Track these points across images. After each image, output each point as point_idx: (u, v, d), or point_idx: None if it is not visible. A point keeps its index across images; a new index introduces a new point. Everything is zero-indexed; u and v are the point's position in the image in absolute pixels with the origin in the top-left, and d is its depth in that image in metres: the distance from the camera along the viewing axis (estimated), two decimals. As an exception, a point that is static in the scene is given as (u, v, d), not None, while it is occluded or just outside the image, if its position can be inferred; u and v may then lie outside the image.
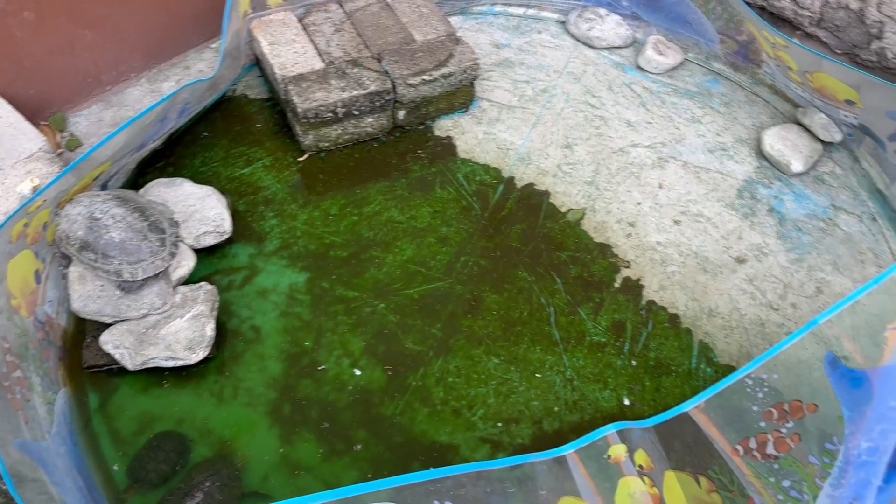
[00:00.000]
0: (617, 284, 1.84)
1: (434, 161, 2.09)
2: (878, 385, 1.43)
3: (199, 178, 1.89)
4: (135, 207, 1.53)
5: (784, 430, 1.49)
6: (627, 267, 1.88)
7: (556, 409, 1.61)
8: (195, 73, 2.20)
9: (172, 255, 1.53)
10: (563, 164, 2.11)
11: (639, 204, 2.02)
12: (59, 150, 1.93)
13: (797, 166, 2.06)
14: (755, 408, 1.52)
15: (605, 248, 1.92)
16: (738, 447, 1.51)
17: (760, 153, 2.15)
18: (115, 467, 1.44)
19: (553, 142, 2.17)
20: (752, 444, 1.51)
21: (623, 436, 1.50)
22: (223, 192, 1.85)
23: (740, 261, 1.89)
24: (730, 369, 1.67)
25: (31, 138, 1.74)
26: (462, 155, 2.11)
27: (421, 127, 2.17)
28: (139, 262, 1.47)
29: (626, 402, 1.63)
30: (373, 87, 1.94)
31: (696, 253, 1.90)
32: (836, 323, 1.49)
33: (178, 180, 1.80)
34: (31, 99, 1.93)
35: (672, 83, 2.37)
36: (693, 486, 1.47)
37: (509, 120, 2.22)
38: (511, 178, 2.06)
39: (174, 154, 2.01)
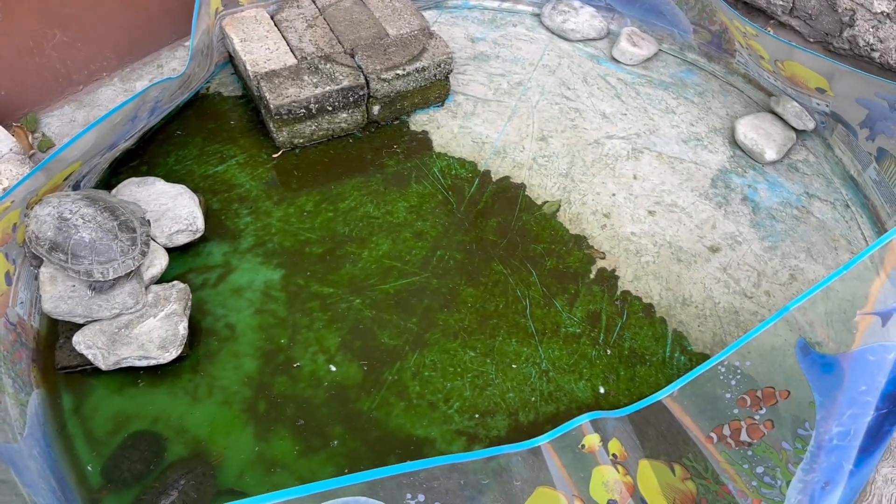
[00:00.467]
0: (592, 275, 1.85)
1: (410, 156, 2.09)
2: (849, 370, 1.45)
3: (172, 177, 1.88)
4: (105, 207, 1.52)
5: (757, 417, 1.51)
6: (602, 258, 1.89)
7: (531, 400, 1.62)
8: (168, 72, 2.19)
9: (143, 254, 1.52)
10: (538, 157, 2.11)
11: (613, 195, 2.02)
12: (32, 152, 1.92)
13: (771, 154, 2.08)
14: (728, 395, 1.53)
15: (580, 240, 1.92)
16: (712, 434, 1.52)
17: (734, 142, 2.16)
18: (90, 467, 1.43)
19: (528, 134, 2.17)
20: (726, 431, 1.52)
21: (597, 425, 1.51)
22: (196, 190, 1.84)
23: (714, 250, 1.90)
24: (704, 357, 1.68)
25: (1, 139, 1.73)
26: (438, 149, 2.11)
27: (396, 122, 2.17)
28: (110, 262, 1.46)
29: (602, 390, 1.64)
30: (346, 83, 1.94)
31: (671, 243, 1.91)
32: (810, 309, 1.50)
33: (151, 179, 1.79)
34: (1, 100, 1.91)
35: (647, 74, 2.38)
36: (667, 473, 1.49)
37: (485, 113, 2.22)
38: (487, 172, 2.07)
39: (147, 153, 2.00)
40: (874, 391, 1.40)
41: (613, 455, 1.47)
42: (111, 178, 1.91)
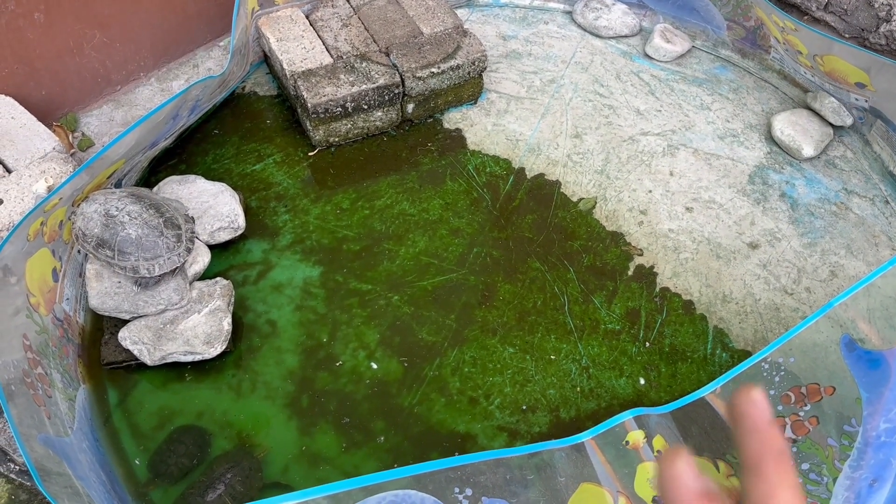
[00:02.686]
0: (630, 272, 1.84)
1: (444, 153, 2.09)
2: (895, 366, 1.43)
3: (211, 175, 1.90)
4: (150, 204, 1.53)
5: (802, 414, 1.49)
6: (640, 255, 1.88)
7: (572, 396, 1.62)
8: (204, 71, 2.21)
9: (189, 250, 1.54)
10: (573, 154, 2.11)
11: (650, 192, 2.01)
12: (72, 150, 1.94)
13: (808, 151, 2.06)
14: (772, 392, 1.52)
15: (617, 237, 1.92)
16: (756, 431, 1.50)
17: (771, 139, 2.14)
18: (137, 462, 1.45)
19: (562, 132, 2.17)
20: (770, 427, 1.51)
21: (640, 422, 1.50)
22: (235, 188, 1.86)
23: (753, 246, 1.89)
24: (745, 354, 1.67)
25: (44, 139, 1.75)
26: (472, 147, 2.11)
27: (430, 120, 2.18)
28: (156, 259, 1.48)
29: (642, 381, 1.63)
30: (381, 81, 1.94)
31: (709, 239, 1.90)
32: (852, 306, 1.49)
33: (191, 177, 1.81)
34: (42, 100, 1.94)
35: (680, 71, 2.37)
36: (711, 470, 1.48)
37: (518, 111, 2.22)
38: (521, 169, 2.07)
39: (186, 152, 2.02)
40: (923, 387, 1.38)
41: (658, 452, 1.47)
42: (150, 176, 1.94)
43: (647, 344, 1.69)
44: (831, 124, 2.12)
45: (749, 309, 1.76)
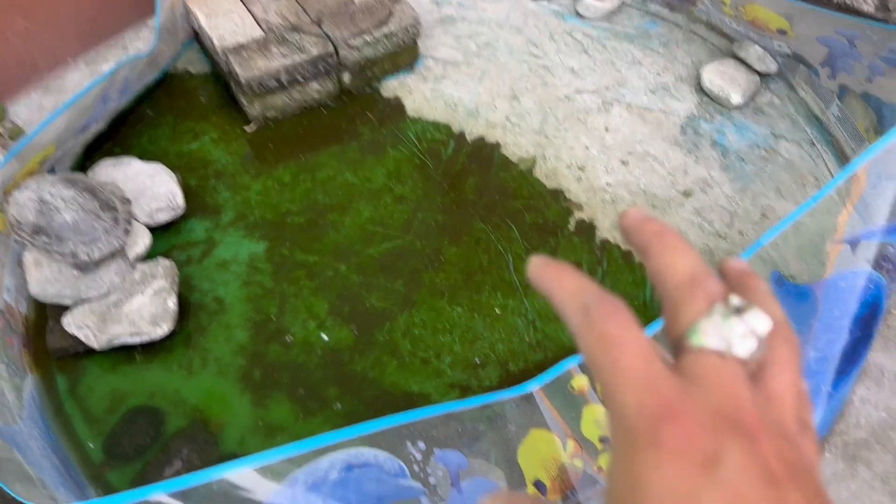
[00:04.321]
0: (571, 227, 1.89)
1: (384, 122, 2.10)
2: (823, 298, 1.50)
3: (147, 157, 1.87)
4: (84, 188, 1.52)
5: (737, 349, 1.56)
6: (580, 210, 1.92)
7: (520, 350, 1.66)
8: (133, 52, 2.16)
9: (127, 232, 1.53)
10: (511, 116, 2.13)
11: (587, 148, 2.06)
12: (1, 140, 1.90)
13: (736, 99, 2.12)
14: (709, 330, 1.58)
15: (557, 194, 1.96)
16: (696, 369, 1.57)
17: (701, 89, 2.20)
18: (91, 445, 1.45)
19: (500, 94, 2.19)
20: (709, 364, 1.57)
21: (585, 368, 1.55)
22: (173, 168, 1.84)
23: (687, 194, 1.95)
24: (683, 297, 1.73)
25: (-31, 129, 1.71)
26: (411, 114, 2.13)
27: (368, 89, 2.18)
28: (94, 242, 1.47)
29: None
30: (314, 52, 1.94)
31: (645, 190, 1.96)
32: (782, 245, 1.55)
33: (126, 159, 1.78)
34: (-35, 90, 1.89)
35: (611, 28, 2.41)
36: None
37: (455, 76, 2.23)
38: (462, 133, 2.09)
39: (120, 134, 1.99)
40: (847, 315, 1.46)
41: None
42: (85, 160, 1.90)
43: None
44: (758, 72, 2.19)
45: (685, 254, 1.82)
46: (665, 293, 0.35)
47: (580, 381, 1.52)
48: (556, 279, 0.36)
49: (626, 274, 1.79)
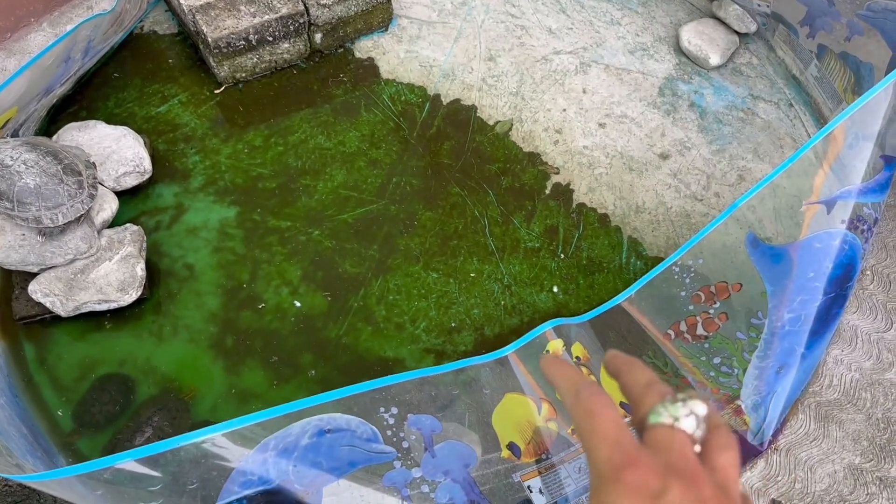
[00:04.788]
0: (548, 191, 1.87)
1: (357, 84, 2.05)
2: (798, 259, 1.50)
3: (114, 120, 1.82)
4: (47, 151, 1.47)
5: (712, 311, 1.57)
6: (557, 173, 1.90)
7: (496, 314, 1.65)
8: (98, 12, 2.09)
9: (92, 196, 1.49)
10: (487, 77, 2.10)
11: (564, 111, 2.03)
12: (-40, 104, 1.83)
13: (715, 59, 2.10)
14: (683, 293, 1.58)
15: (534, 157, 1.93)
16: (670, 331, 1.58)
17: (679, 50, 2.17)
18: (59, 413, 1.43)
19: (476, 55, 2.15)
20: (683, 327, 1.58)
21: (560, 332, 1.55)
22: (140, 131, 1.79)
23: (664, 157, 1.94)
24: (658, 261, 1.73)
25: (-75, 91, 1.65)
26: (385, 76, 2.08)
27: (340, 50, 2.13)
28: (58, 207, 1.43)
29: (555, 289, 1.68)
30: (284, 11, 1.88)
31: (622, 153, 1.94)
32: (759, 207, 1.55)
33: (92, 123, 1.73)
34: (-79, 51, 1.82)
35: (590, -13, 2.36)
36: None
37: (430, 36, 2.19)
38: (437, 96, 2.05)
39: (85, 98, 1.93)
40: (822, 277, 1.46)
41: (577, 358, 1.52)
42: (50, 125, 1.85)
43: (562, 256, 1.74)
44: (737, 32, 2.16)
45: (661, 218, 1.82)
46: (632, 397, 0.49)
47: (555, 345, 1.52)
48: (559, 370, 0.51)
49: (602, 238, 1.78)
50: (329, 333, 1.60)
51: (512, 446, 1.39)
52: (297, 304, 1.63)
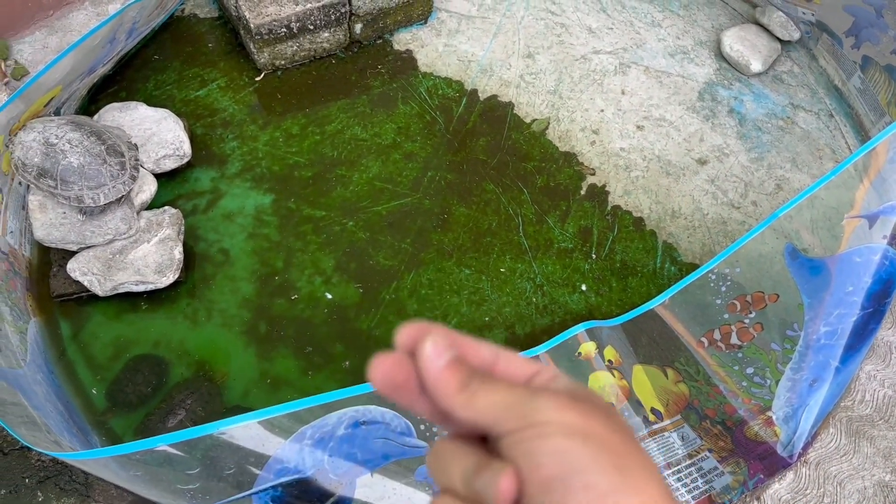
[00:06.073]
0: (583, 192, 1.86)
1: (395, 76, 2.05)
2: (836, 272, 1.49)
3: (153, 102, 1.83)
4: (91, 131, 1.48)
5: (747, 321, 1.55)
6: (592, 174, 1.89)
7: (527, 313, 1.65)
8: (140, -7, 2.10)
9: (133, 178, 1.50)
10: (525, 74, 2.09)
11: (602, 111, 2.02)
12: (6, 80, 1.85)
13: (756, 66, 2.07)
14: (718, 301, 1.57)
15: (570, 157, 1.92)
16: (703, 339, 1.57)
17: (720, 55, 2.15)
18: (94, 392, 1.45)
19: (515, 51, 2.14)
20: (717, 335, 1.57)
21: (592, 334, 1.55)
22: (179, 114, 1.80)
23: (702, 162, 1.92)
24: (693, 267, 1.72)
25: (-29, 66, 1.66)
26: (423, 69, 2.08)
27: (379, 41, 2.12)
28: (100, 187, 1.44)
29: (584, 287, 1.68)
30: (326, 0, 1.88)
31: (659, 157, 1.92)
32: (796, 217, 1.53)
33: (133, 104, 1.74)
34: (-33, 26, 1.83)
35: (632, -13, 2.34)
36: (661, 377, 1.54)
37: (469, 31, 2.18)
38: (474, 91, 2.04)
39: (125, 79, 1.94)
40: (860, 291, 1.44)
41: (609, 361, 1.52)
42: (90, 105, 1.86)
43: (595, 257, 1.73)
44: (779, 39, 2.14)
45: (697, 223, 1.80)
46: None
47: (587, 348, 1.52)
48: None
49: (637, 241, 1.77)
50: (361, 325, 1.60)
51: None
52: (329, 295, 1.63)
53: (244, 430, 1.09)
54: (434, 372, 0.37)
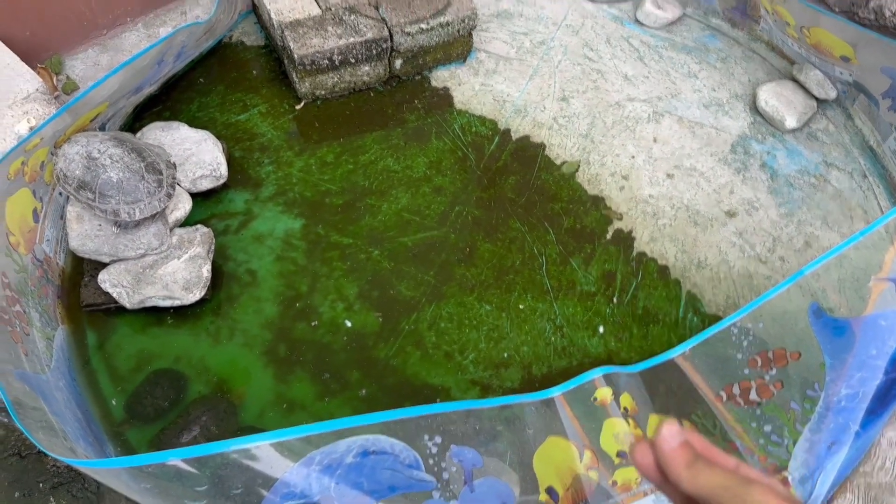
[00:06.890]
0: (609, 236, 1.86)
1: (430, 111, 2.09)
2: (860, 334, 1.47)
3: (195, 124, 1.89)
4: (132, 148, 1.53)
5: (767, 377, 1.53)
6: (620, 219, 1.90)
7: (545, 354, 1.65)
8: (191, 19, 2.18)
9: (169, 196, 1.54)
10: (559, 117, 2.11)
11: (633, 157, 2.03)
12: (56, 93, 1.92)
13: (791, 122, 2.07)
14: (740, 356, 1.56)
15: (598, 201, 1.93)
16: (722, 393, 1.55)
17: (755, 109, 2.16)
18: (113, 402, 1.47)
19: (550, 94, 2.17)
20: (736, 390, 1.55)
21: (609, 380, 1.54)
22: (219, 137, 1.85)
23: (731, 214, 1.91)
24: (716, 319, 1.70)
25: (27, 79, 1.74)
26: (458, 106, 2.11)
27: (418, 77, 2.17)
28: (136, 203, 1.49)
29: (601, 329, 1.67)
30: (370, 35, 1.93)
31: (688, 206, 1.92)
32: (823, 276, 1.52)
33: (175, 124, 1.80)
34: (27, 41, 1.92)
35: (670, 38, 2.37)
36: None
37: (506, 72, 2.22)
38: (507, 130, 2.07)
39: (170, 99, 2.01)
40: (884, 355, 1.42)
41: (625, 409, 1.51)
42: (134, 122, 1.93)
43: (617, 302, 1.72)
44: (815, 97, 2.14)
45: (723, 275, 1.79)
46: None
47: (603, 393, 1.51)
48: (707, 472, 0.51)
49: (661, 289, 1.76)
50: (378, 353, 1.62)
51: (551, 491, 1.38)
52: (349, 323, 1.65)
53: (255, 450, 1.10)
54: (668, 450, 0.50)
